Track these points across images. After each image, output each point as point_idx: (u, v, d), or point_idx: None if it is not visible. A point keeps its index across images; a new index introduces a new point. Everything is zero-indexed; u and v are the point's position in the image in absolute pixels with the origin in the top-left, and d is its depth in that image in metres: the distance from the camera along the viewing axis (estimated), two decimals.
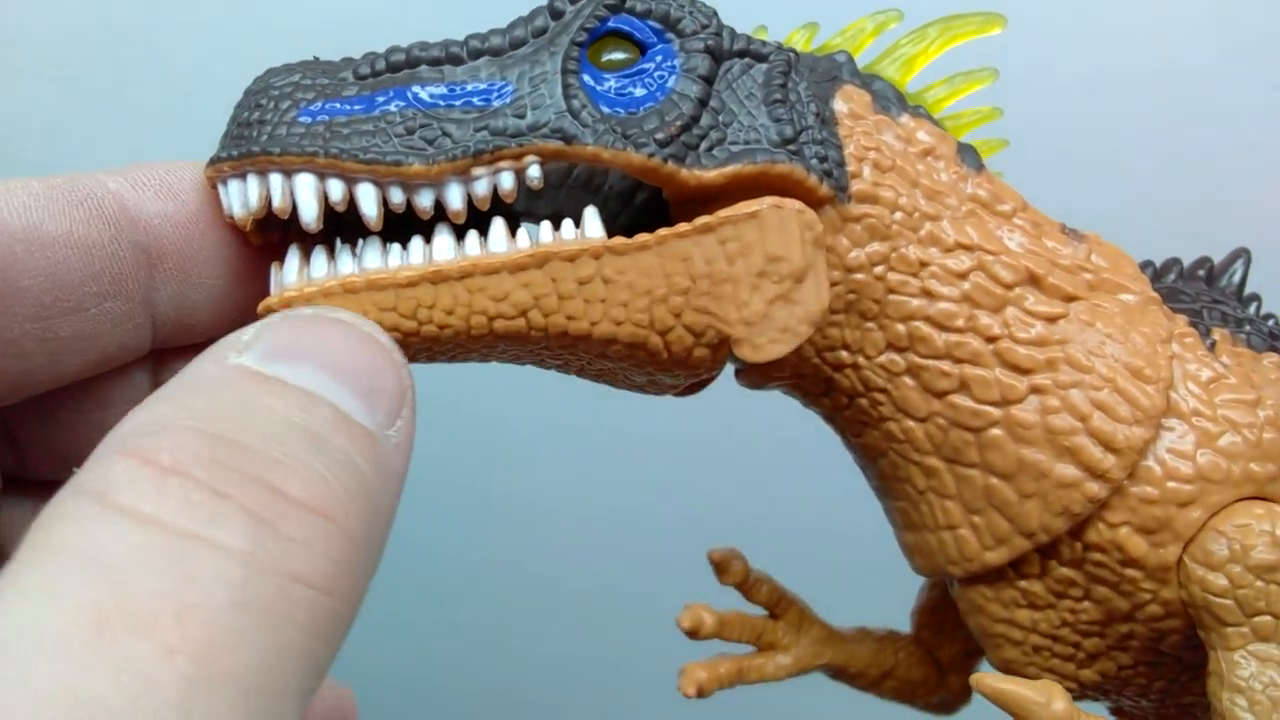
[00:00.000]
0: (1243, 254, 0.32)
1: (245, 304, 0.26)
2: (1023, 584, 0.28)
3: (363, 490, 0.18)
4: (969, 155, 0.28)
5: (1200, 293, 0.31)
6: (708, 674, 0.32)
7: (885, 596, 0.35)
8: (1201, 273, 0.32)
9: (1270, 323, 0.31)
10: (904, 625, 0.36)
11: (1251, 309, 0.31)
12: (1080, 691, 0.29)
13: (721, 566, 0.33)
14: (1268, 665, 0.25)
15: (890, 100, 0.28)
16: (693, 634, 0.33)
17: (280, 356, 0.20)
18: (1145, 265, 0.32)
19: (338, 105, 0.24)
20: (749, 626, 0.34)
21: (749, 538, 0.35)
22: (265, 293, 0.24)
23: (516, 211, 0.28)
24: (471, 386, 0.48)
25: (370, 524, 0.18)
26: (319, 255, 0.25)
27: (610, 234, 0.29)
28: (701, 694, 0.32)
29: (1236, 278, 0.32)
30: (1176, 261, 0.32)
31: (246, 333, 0.21)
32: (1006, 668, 0.29)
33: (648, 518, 0.54)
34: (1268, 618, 0.25)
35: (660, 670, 0.33)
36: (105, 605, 0.14)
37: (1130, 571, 0.26)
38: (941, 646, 0.35)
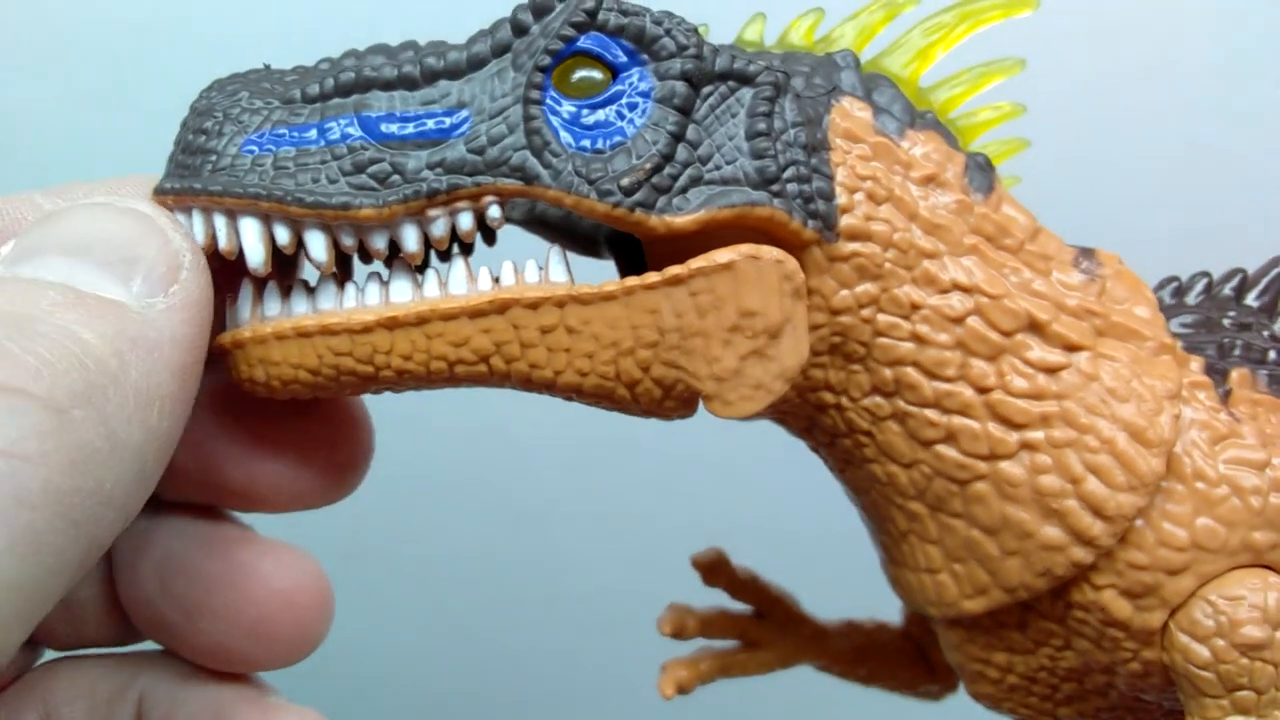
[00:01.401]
0: (1279, 263, 0.30)
1: None
2: (1001, 631, 0.27)
3: (80, 360, 0.18)
4: (979, 175, 0.26)
5: (1227, 314, 0.28)
6: (688, 672, 0.33)
7: (877, 593, 0.35)
8: (1231, 286, 0.29)
9: None
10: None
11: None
12: None
13: (707, 568, 0.33)
14: None
15: (894, 113, 0.25)
16: (676, 637, 0.33)
17: (24, 257, 0.20)
18: (1169, 281, 0.30)
19: (284, 133, 0.23)
20: (733, 623, 0.34)
21: (747, 538, 0.34)
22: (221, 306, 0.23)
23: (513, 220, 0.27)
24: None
25: (98, 393, 0.18)
26: (272, 293, 0.24)
27: (607, 244, 0.28)
28: (682, 692, 0.32)
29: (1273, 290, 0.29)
30: (1204, 275, 0.30)
31: (6, 247, 0.21)
32: (983, 700, 0.29)
33: (648, 520, 0.54)
34: (1249, 693, 0.24)
35: (644, 667, 0.34)
36: None
37: (1113, 631, 0.25)
38: (931, 645, 0.35)
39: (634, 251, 0.27)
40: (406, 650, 0.55)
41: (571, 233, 0.28)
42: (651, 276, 0.23)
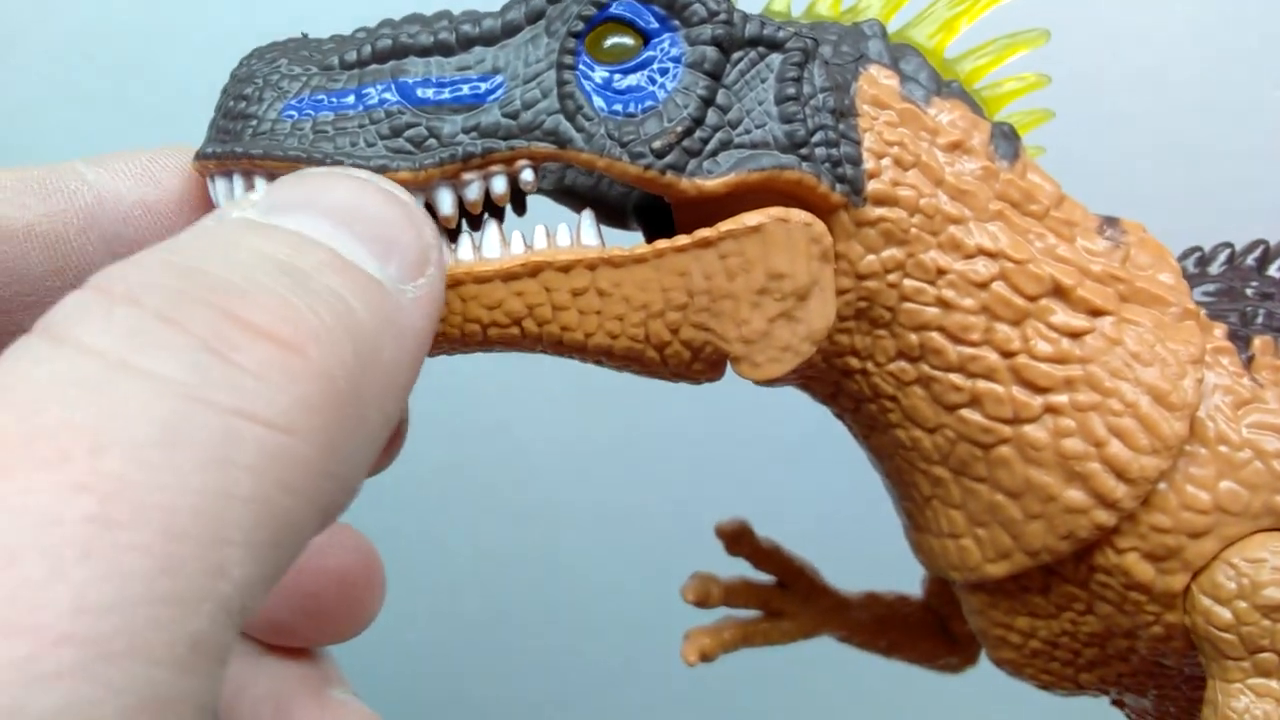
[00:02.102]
0: None
1: None
2: (1024, 595, 0.27)
3: (352, 331, 0.16)
4: (1004, 142, 0.26)
5: (1250, 284, 0.28)
6: (711, 640, 0.33)
7: (892, 568, 0.35)
8: (1254, 257, 0.29)
9: None
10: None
11: None
12: (1079, 691, 0.29)
13: (731, 537, 0.33)
14: (1264, 700, 0.24)
15: (920, 81, 0.26)
16: (700, 605, 0.33)
17: (281, 209, 0.19)
18: (1193, 251, 0.30)
19: (323, 99, 0.23)
20: (756, 593, 0.34)
21: (765, 510, 0.35)
22: None
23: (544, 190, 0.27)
24: (479, 386, 0.49)
25: (360, 370, 0.16)
26: None
27: (634, 213, 0.28)
28: (705, 659, 0.33)
29: None
30: (1227, 245, 0.30)
31: (256, 193, 0.20)
32: (1004, 666, 0.29)
33: (654, 516, 0.54)
34: (1270, 655, 0.24)
35: (666, 668, 0.34)
36: (10, 436, 0.13)
37: (1135, 595, 0.26)
38: (952, 617, 0.35)
39: (660, 222, 0.28)
40: (411, 650, 0.56)
41: (600, 203, 0.28)
42: (681, 239, 0.23)
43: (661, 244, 0.23)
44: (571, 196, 0.28)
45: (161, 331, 0.15)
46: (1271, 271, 0.29)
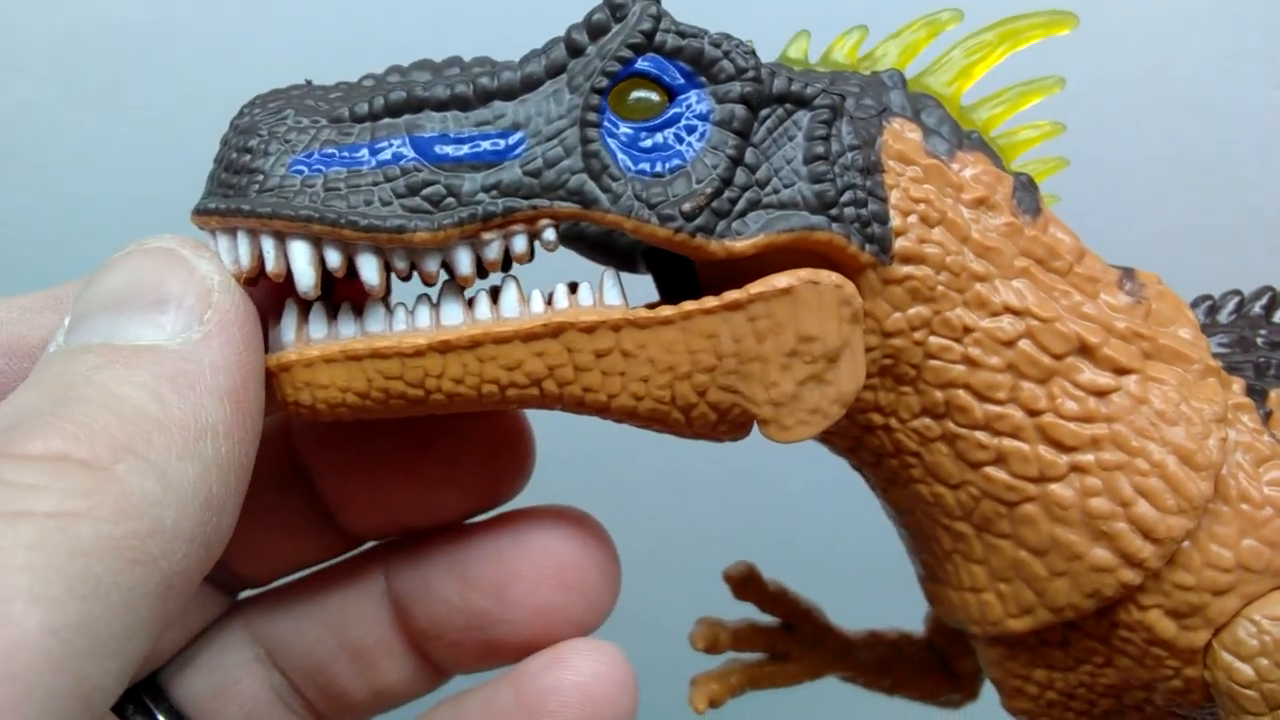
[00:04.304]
0: None
1: None
2: (1042, 649, 0.27)
3: (117, 414, 0.19)
4: (1026, 197, 0.26)
5: (1259, 332, 0.29)
6: (719, 685, 0.33)
7: (894, 600, 0.35)
8: (1261, 304, 0.30)
9: None
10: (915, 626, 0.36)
11: None
12: None
13: (739, 582, 0.33)
14: None
15: (943, 134, 0.25)
16: (709, 651, 0.33)
17: (76, 324, 0.21)
18: (1203, 299, 0.30)
19: (333, 154, 0.22)
20: (763, 636, 0.34)
21: (762, 546, 0.34)
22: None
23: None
24: None
25: (135, 439, 0.19)
26: (318, 313, 0.23)
27: (644, 258, 0.27)
28: (714, 706, 0.32)
29: None
30: (1236, 293, 0.30)
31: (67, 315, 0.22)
32: (1019, 715, 0.29)
33: (663, 528, 0.54)
34: None
35: (672, 680, 0.34)
36: None
37: (1156, 650, 0.26)
38: (955, 655, 0.35)
39: (669, 266, 0.27)
40: None
41: (609, 249, 0.27)
42: (709, 301, 0.23)
43: (689, 306, 0.23)
44: (579, 242, 0.28)
45: None
46: (1278, 318, 0.29)
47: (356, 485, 0.27)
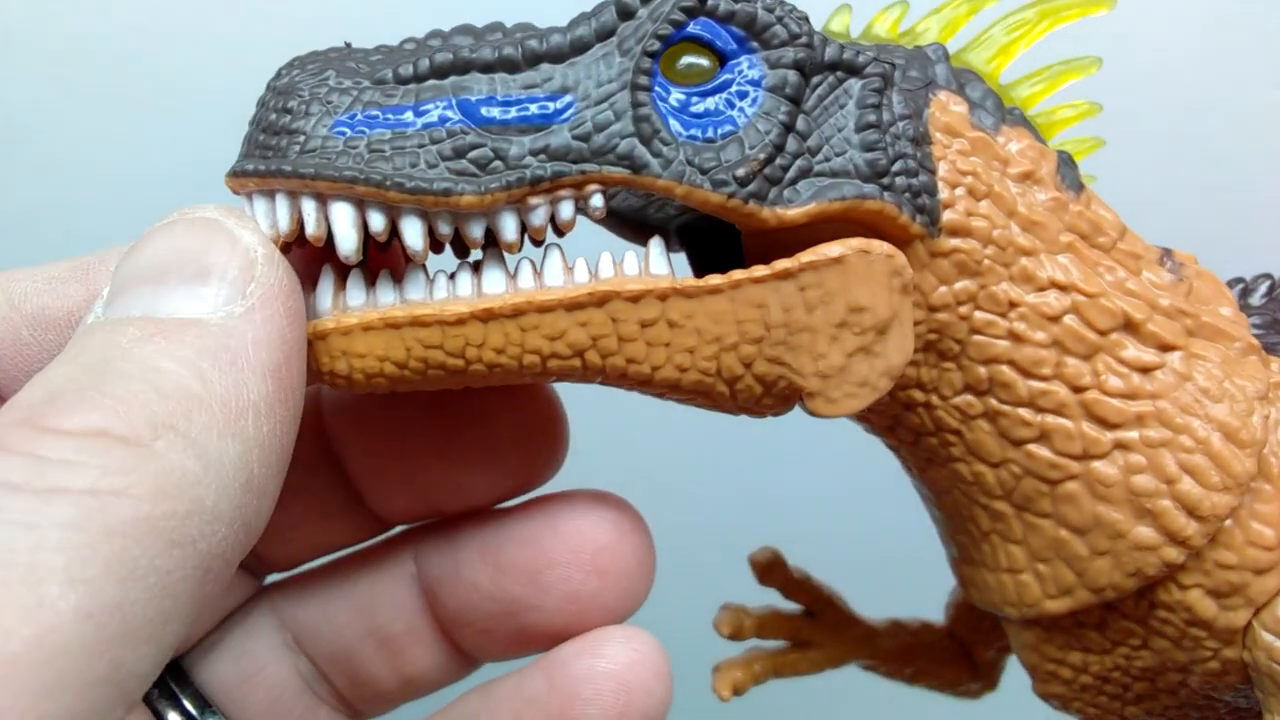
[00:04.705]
0: None
1: None
2: (1079, 631, 0.27)
3: (158, 390, 0.18)
4: (1069, 173, 0.26)
5: None
6: (743, 672, 0.32)
7: (914, 589, 0.35)
8: None
9: None
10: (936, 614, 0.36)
11: None
12: None
13: (764, 568, 0.33)
14: None
15: (987, 109, 0.25)
16: (733, 638, 0.32)
17: (114, 296, 0.20)
18: (1235, 282, 0.30)
19: (376, 115, 0.22)
20: (786, 624, 0.33)
21: (782, 533, 0.34)
22: None
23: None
24: None
25: (176, 415, 0.18)
26: (356, 280, 0.23)
27: (677, 235, 0.27)
28: (738, 693, 0.32)
29: None
30: (1267, 276, 0.30)
31: (106, 286, 0.21)
32: (1052, 700, 0.29)
33: (679, 519, 0.53)
34: None
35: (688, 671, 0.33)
36: None
37: (1196, 630, 0.25)
38: (976, 644, 0.35)
39: (705, 244, 0.27)
40: None
41: (644, 224, 0.27)
42: (759, 269, 0.22)
43: (738, 274, 0.22)
44: (613, 218, 0.27)
45: None
46: None
47: (388, 466, 0.26)
